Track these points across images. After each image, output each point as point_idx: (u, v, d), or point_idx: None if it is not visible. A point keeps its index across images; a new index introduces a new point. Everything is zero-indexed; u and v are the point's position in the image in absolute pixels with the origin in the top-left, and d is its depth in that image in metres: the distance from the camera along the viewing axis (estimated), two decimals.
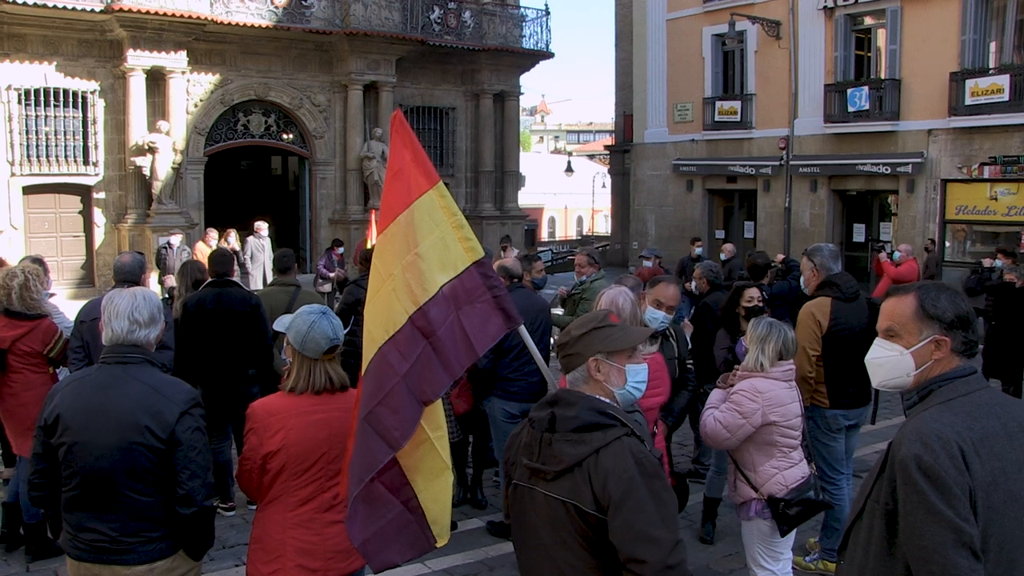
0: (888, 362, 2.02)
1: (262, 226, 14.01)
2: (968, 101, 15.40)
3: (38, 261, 5.47)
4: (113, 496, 2.62)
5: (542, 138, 74.81)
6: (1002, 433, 1.83)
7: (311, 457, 2.80)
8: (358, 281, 6.40)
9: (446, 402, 5.27)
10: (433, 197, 2.87)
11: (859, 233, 18.31)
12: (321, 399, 2.85)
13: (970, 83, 15.39)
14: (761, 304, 5.05)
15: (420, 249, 2.81)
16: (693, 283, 7.14)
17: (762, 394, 3.72)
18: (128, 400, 2.63)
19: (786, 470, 3.75)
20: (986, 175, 15.55)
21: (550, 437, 2.14)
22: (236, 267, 5.98)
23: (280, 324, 3.11)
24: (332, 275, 13.40)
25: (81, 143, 15.80)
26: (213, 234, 13.28)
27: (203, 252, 11.39)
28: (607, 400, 2.21)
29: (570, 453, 2.09)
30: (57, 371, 4.86)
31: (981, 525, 1.75)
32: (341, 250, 14.06)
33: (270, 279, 9.82)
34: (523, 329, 2.97)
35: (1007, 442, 1.83)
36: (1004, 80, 14.95)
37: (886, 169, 16.93)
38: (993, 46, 15.83)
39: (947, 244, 16.56)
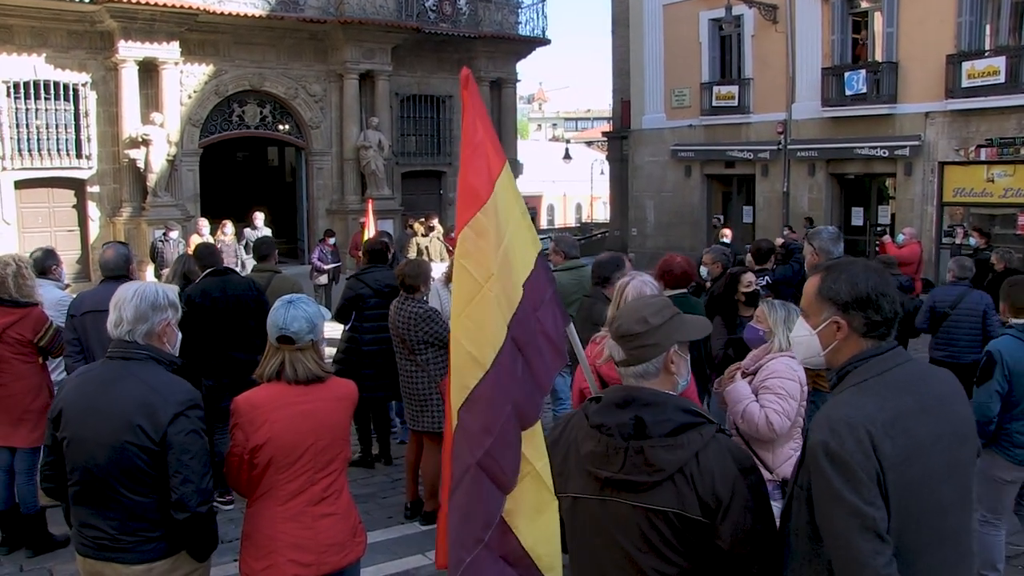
0: (802, 342, 2.06)
1: (258, 217, 13.98)
2: (965, 83, 15.32)
3: (51, 253, 5.45)
4: (109, 495, 2.58)
5: (540, 126, 74.52)
6: (917, 409, 1.84)
7: (298, 449, 2.76)
8: (358, 275, 6.34)
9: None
10: (504, 179, 2.42)
11: (857, 217, 18.28)
12: (306, 389, 2.80)
13: (967, 65, 15.30)
14: (758, 288, 5.03)
15: (506, 242, 2.37)
16: (704, 269, 6.79)
17: (797, 371, 3.64)
18: (124, 398, 2.57)
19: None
20: (983, 157, 15.50)
21: (640, 445, 1.95)
22: (223, 258, 5.94)
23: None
24: (327, 268, 13.36)
25: (73, 136, 15.66)
26: (205, 225, 13.22)
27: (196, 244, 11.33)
28: (676, 395, 2.08)
29: (669, 460, 1.92)
30: (47, 362, 4.85)
31: (896, 502, 1.77)
32: (333, 240, 13.98)
33: None
34: (571, 327, 2.70)
35: (923, 417, 1.84)
36: (1000, 62, 14.88)
37: (884, 152, 16.87)
38: (988, 28, 15.74)
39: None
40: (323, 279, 13.30)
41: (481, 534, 2.24)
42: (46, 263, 5.35)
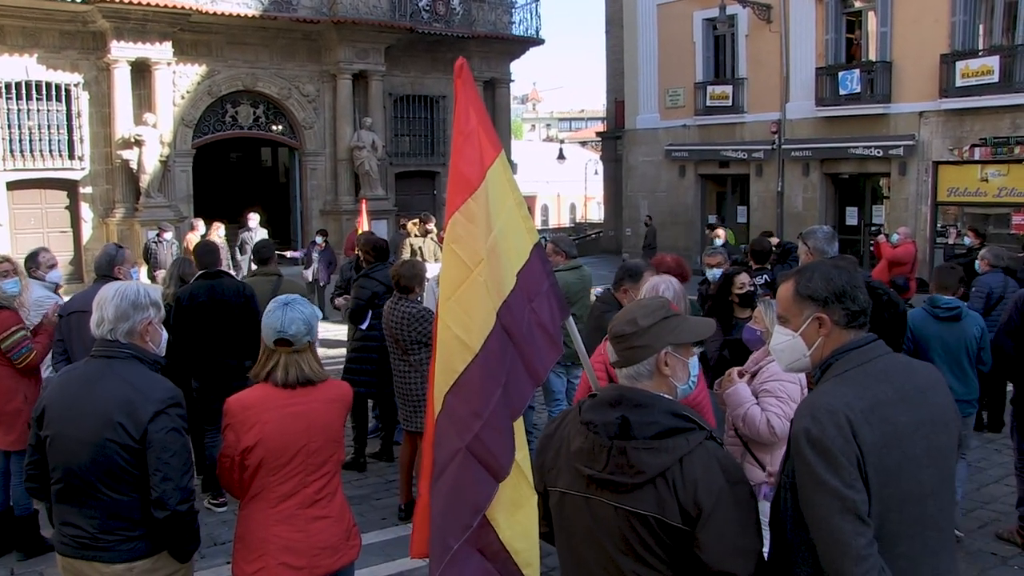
0: (786, 347, 2.08)
1: (252, 217, 13.92)
2: (959, 83, 15.37)
3: (34, 254, 5.41)
4: (89, 493, 2.57)
5: (534, 126, 74.53)
6: (896, 397, 1.89)
7: (290, 451, 2.73)
8: (369, 273, 6.28)
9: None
10: (498, 168, 2.46)
11: (852, 216, 18.31)
12: (299, 391, 2.77)
13: (960, 65, 15.35)
14: (752, 289, 5.01)
15: (496, 231, 2.39)
16: (717, 271, 6.64)
17: (798, 373, 3.63)
18: (106, 396, 2.57)
19: None
20: (977, 157, 15.55)
21: (623, 445, 1.92)
22: (222, 258, 5.87)
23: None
24: (291, 255, 13.31)
25: (66, 137, 15.60)
26: (201, 225, 13.17)
27: (193, 243, 11.29)
28: (672, 398, 2.05)
29: (651, 463, 1.90)
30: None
31: (876, 487, 1.82)
32: (322, 240, 13.89)
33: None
34: (571, 321, 2.69)
35: (902, 405, 1.89)
36: (994, 61, 14.92)
37: (878, 152, 16.91)
38: (982, 28, 15.79)
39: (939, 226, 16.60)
40: (308, 274, 13.29)
41: (470, 520, 2.23)
42: (26, 265, 5.33)
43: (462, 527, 2.23)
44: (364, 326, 6.11)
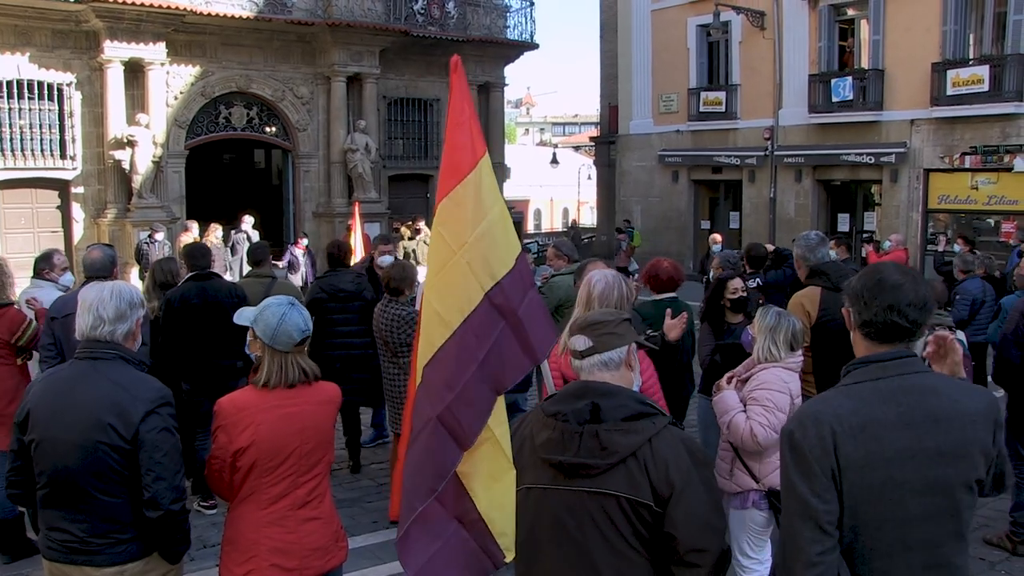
0: None
1: (246, 220, 13.90)
2: (950, 91, 15.48)
3: (46, 255, 5.39)
4: (79, 496, 2.54)
5: (527, 130, 74.59)
6: (897, 421, 1.86)
7: (283, 452, 2.72)
8: (318, 279, 6.29)
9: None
10: (486, 163, 2.57)
11: (843, 223, 18.39)
12: (291, 392, 2.76)
13: (951, 73, 15.46)
14: (745, 294, 5.01)
15: (492, 216, 2.49)
16: (712, 273, 6.86)
17: (788, 384, 3.64)
18: (94, 397, 2.53)
19: None
20: (967, 165, 15.66)
21: (595, 428, 2.00)
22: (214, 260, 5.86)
23: (241, 318, 2.88)
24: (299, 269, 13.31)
25: (58, 136, 15.51)
26: (194, 227, 13.13)
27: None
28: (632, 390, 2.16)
29: (624, 443, 1.98)
30: (29, 364, 4.76)
31: (852, 502, 1.83)
32: (306, 242, 13.83)
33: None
34: None
35: (901, 430, 1.85)
36: (984, 71, 15.04)
37: (870, 159, 17.00)
38: (972, 37, 15.93)
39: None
40: (297, 278, 13.26)
41: (434, 484, 2.39)
42: (39, 266, 5.33)
43: (428, 491, 2.38)
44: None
